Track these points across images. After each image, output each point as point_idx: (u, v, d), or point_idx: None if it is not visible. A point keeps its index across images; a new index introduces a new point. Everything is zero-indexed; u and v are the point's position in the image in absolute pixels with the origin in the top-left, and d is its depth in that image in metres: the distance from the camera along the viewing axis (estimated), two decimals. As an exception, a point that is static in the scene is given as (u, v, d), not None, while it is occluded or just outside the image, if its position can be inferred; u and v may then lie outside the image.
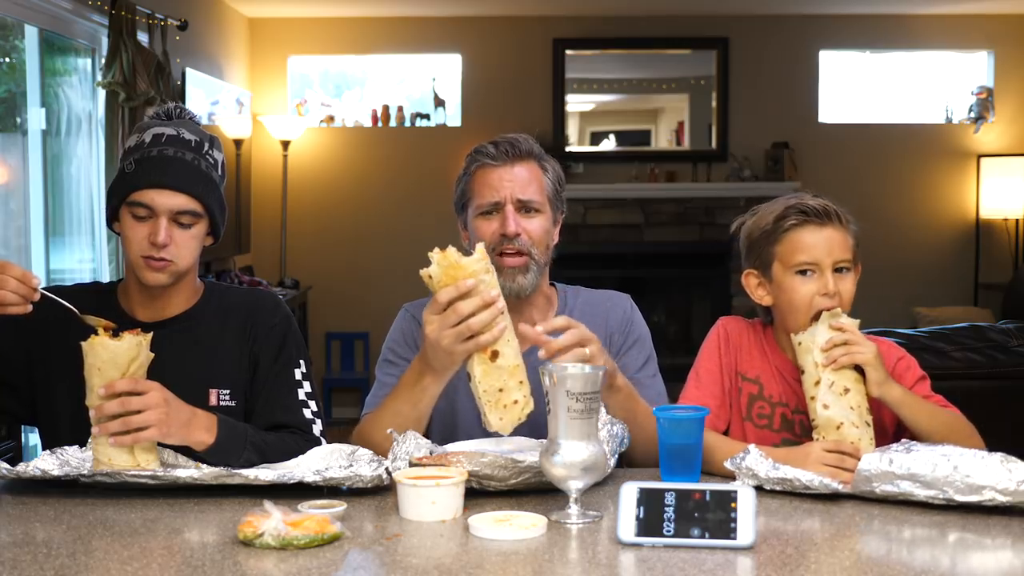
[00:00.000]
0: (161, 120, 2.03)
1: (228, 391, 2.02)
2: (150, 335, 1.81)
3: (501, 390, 1.76)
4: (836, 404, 1.85)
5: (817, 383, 1.87)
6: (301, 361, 2.09)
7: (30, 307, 1.79)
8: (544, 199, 2.13)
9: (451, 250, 1.77)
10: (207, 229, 2.02)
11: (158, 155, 1.95)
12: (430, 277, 1.77)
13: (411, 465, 1.72)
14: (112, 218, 2.01)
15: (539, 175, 2.14)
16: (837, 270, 1.95)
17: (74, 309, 1.86)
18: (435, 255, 1.77)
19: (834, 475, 1.76)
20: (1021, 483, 1.58)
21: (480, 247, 1.80)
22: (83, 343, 1.76)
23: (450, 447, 1.92)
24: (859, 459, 1.75)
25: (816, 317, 1.93)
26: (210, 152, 2.01)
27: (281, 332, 2.08)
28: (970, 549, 1.51)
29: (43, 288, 1.84)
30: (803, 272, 1.95)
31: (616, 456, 1.82)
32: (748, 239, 2.05)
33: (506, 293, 2.04)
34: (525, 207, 2.11)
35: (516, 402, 1.76)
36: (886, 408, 1.92)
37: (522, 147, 2.13)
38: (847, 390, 1.86)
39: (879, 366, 1.86)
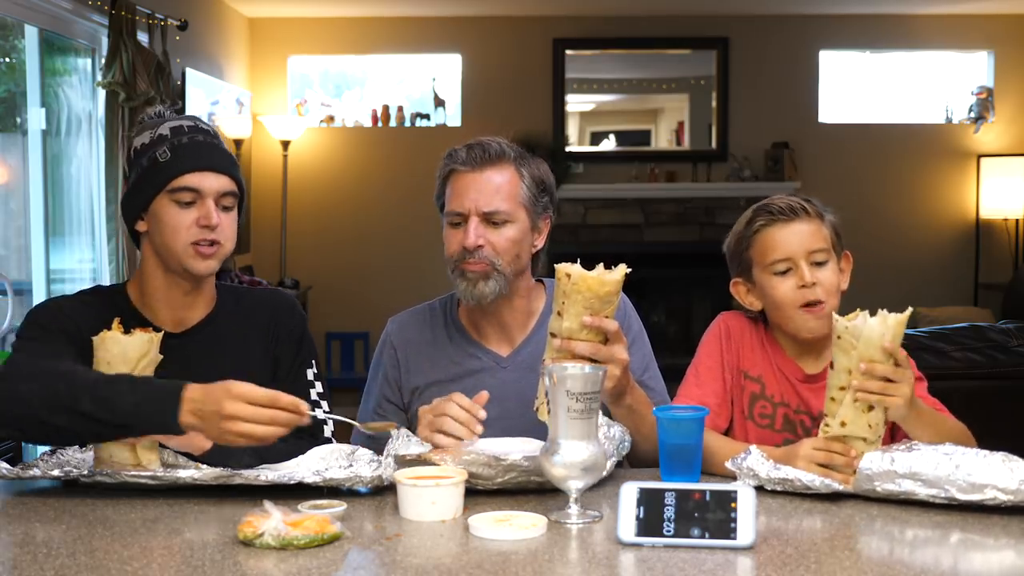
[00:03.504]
0: (164, 118, 2.00)
1: None
2: (160, 334, 1.80)
3: None
4: (856, 422, 1.76)
5: (843, 388, 1.77)
6: (313, 361, 2.09)
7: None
8: (515, 206, 2.06)
9: (598, 267, 1.78)
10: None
11: (190, 142, 1.93)
12: (568, 276, 1.77)
13: (397, 462, 1.71)
14: (136, 218, 1.95)
15: (512, 180, 2.07)
16: (815, 263, 1.96)
17: (357, 425, 1.91)
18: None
19: (825, 473, 1.75)
20: (1023, 482, 1.57)
21: (623, 267, 1.80)
22: (94, 337, 1.76)
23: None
24: (846, 454, 1.74)
25: (796, 309, 1.95)
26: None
27: (299, 333, 2.08)
28: (971, 549, 1.51)
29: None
30: (779, 271, 1.97)
31: (615, 459, 1.81)
32: (728, 249, 2.08)
33: (468, 299, 2.07)
34: (490, 219, 2.05)
35: None
36: None
37: (493, 151, 2.07)
38: (871, 408, 1.76)
39: (906, 408, 1.75)
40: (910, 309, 1.79)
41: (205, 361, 1.96)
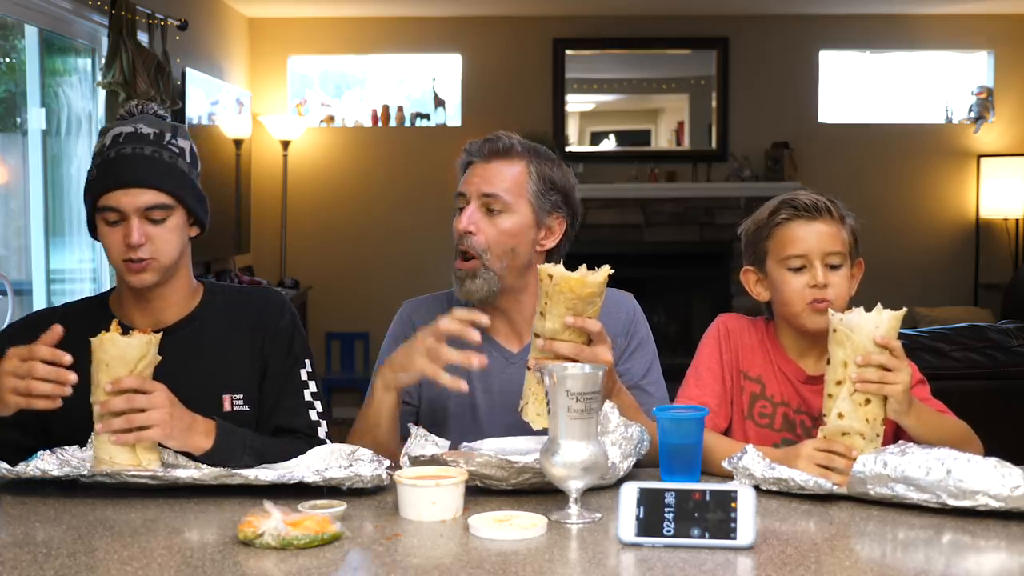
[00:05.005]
0: (122, 120, 2.00)
1: (241, 396, 1.99)
2: (159, 335, 1.80)
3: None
4: (853, 414, 1.77)
5: (839, 383, 1.79)
6: (307, 360, 2.07)
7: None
8: (516, 197, 2.07)
9: (581, 268, 1.79)
10: (186, 219, 1.97)
11: (116, 156, 1.91)
12: (549, 276, 1.77)
13: (411, 462, 1.72)
14: (93, 228, 1.98)
15: (519, 173, 2.08)
16: (830, 266, 1.96)
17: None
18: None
19: (824, 474, 1.75)
20: (1015, 489, 1.57)
21: (606, 268, 1.79)
22: (92, 339, 1.75)
23: (465, 446, 1.93)
24: (849, 458, 1.74)
25: (805, 305, 1.96)
26: (173, 141, 1.96)
27: (289, 332, 2.06)
28: (966, 550, 1.51)
29: None
30: (794, 267, 1.97)
31: (633, 459, 1.80)
32: (745, 236, 2.08)
33: (461, 296, 2.09)
34: (488, 205, 2.07)
35: None
36: None
37: (503, 144, 2.10)
38: (868, 401, 1.77)
39: (905, 399, 1.78)
40: (904, 309, 1.80)
41: (183, 361, 1.94)
